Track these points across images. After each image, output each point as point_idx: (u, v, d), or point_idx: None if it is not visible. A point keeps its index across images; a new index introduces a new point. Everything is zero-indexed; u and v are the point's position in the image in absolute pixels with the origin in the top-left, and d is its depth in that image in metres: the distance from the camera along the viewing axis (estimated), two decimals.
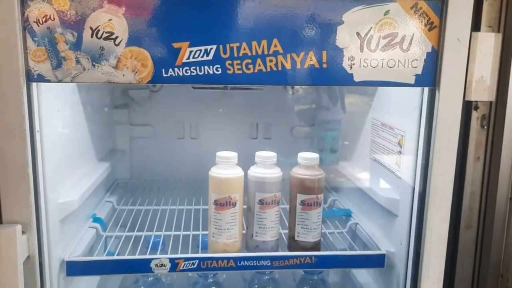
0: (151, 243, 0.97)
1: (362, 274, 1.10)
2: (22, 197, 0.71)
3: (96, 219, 1.03)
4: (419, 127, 0.85)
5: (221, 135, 1.34)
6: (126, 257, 0.89)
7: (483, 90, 0.88)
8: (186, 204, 1.20)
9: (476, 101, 1.19)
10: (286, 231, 0.99)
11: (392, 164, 0.95)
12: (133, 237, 1.00)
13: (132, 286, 1.00)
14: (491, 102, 1.29)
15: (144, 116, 1.34)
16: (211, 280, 1.00)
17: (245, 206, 0.95)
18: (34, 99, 0.72)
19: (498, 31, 0.85)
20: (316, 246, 0.94)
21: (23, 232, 0.72)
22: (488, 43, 0.83)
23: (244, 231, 0.96)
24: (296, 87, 1.38)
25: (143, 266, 0.87)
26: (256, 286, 1.02)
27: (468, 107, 0.93)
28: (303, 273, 1.04)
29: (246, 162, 0.94)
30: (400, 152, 0.92)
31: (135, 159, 1.36)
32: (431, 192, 0.82)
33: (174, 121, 1.35)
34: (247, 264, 0.89)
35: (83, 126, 1.02)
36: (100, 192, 1.17)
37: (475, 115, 1.01)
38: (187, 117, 1.36)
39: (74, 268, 0.85)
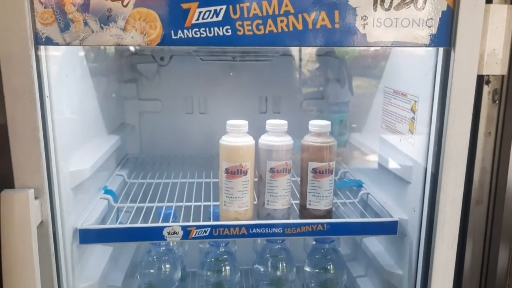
0: (162, 214, 0.97)
1: (373, 244, 1.10)
2: (33, 162, 0.71)
3: (107, 191, 1.04)
4: (433, 90, 0.83)
5: (230, 110, 1.33)
6: (139, 225, 0.89)
7: (495, 64, 0.86)
8: (197, 177, 1.20)
9: (487, 75, 1.16)
10: (297, 201, 0.99)
11: (405, 131, 0.94)
12: (144, 208, 1.00)
13: (145, 256, 1.01)
14: (503, 76, 1.26)
15: (153, 91, 1.33)
16: (223, 249, 1.00)
17: (256, 179, 0.94)
18: (42, 63, 0.71)
19: (511, 3, 0.82)
20: (327, 214, 0.94)
21: (36, 198, 0.72)
22: (501, 15, 0.80)
23: (255, 202, 0.96)
24: (305, 58, 1.36)
25: (155, 234, 0.87)
26: (267, 255, 1.02)
27: (479, 81, 0.90)
28: (314, 243, 1.04)
29: (255, 136, 0.92)
30: (413, 119, 0.91)
31: (145, 134, 1.35)
32: (446, 156, 0.81)
33: (183, 95, 1.34)
34: (259, 231, 0.89)
35: (92, 97, 1.01)
36: (111, 166, 1.17)
37: (486, 89, 0.98)
38: (195, 92, 1.35)
39: (87, 236, 0.86)
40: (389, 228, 0.92)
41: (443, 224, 0.83)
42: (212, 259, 1.00)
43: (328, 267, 1.01)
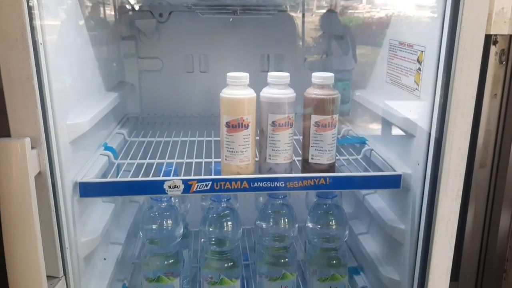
0: (162, 171, 0.96)
1: (376, 201, 1.09)
2: (29, 110, 0.70)
3: (107, 148, 1.02)
4: (441, 39, 0.79)
5: (232, 68, 1.29)
6: (139, 178, 0.88)
7: (503, 23, 0.82)
8: (198, 136, 1.19)
9: (495, 35, 1.12)
10: (299, 158, 0.98)
11: (411, 83, 0.91)
12: (144, 165, 0.99)
13: (146, 212, 1.00)
14: (510, 36, 1.22)
15: (152, 49, 1.30)
16: (225, 205, 0.99)
17: (257, 138, 0.93)
18: (35, 8, 0.68)
19: None
20: (330, 168, 0.92)
21: (33, 148, 0.71)
22: None
23: (257, 159, 0.95)
24: (308, 15, 1.32)
25: (156, 188, 0.86)
26: (269, 211, 1.02)
27: (486, 41, 0.86)
28: (316, 199, 1.03)
29: (257, 96, 0.90)
30: (419, 70, 0.88)
31: (145, 94, 1.33)
32: (452, 106, 0.78)
33: (183, 54, 1.31)
34: (261, 185, 0.88)
35: (89, 51, 0.99)
36: (110, 124, 1.16)
37: (493, 50, 0.95)
38: (196, 50, 1.32)
39: (87, 190, 0.85)
40: (393, 182, 0.91)
41: (448, 176, 0.81)
42: (214, 215, 0.99)
43: (331, 223, 1.00)
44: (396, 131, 0.97)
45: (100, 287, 0.95)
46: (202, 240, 1.02)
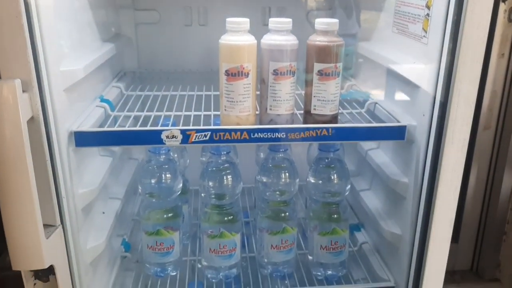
0: (160, 123, 0.93)
1: (379, 155, 1.07)
2: (18, 51, 0.66)
3: (103, 100, 1.00)
4: None
5: None
6: (136, 128, 0.86)
7: None
8: (197, 90, 1.16)
9: None
10: (301, 111, 0.95)
11: (418, 31, 0.87)
12: (142, 118, 0.97)
13: (145, 165, 0.99)
14: None
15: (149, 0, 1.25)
16: (224, 158, 0.97)
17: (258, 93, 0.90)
18: None
19: None
20: (333, 120, 0.90)
21: (24, 91, 0.68)
22: None
23: (257, 112, 0.92)
24: None
25: (154, 137, 0.84)
26: (270, 165, 1.00)
27: None
28: (318, 152, 1.01)
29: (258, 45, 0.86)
30: (427, 15, 0.84)
31: (142, 48, 1.29)
32: (462, 51, 0.75)
33: (181, 5, 1.26)
34: (261, 136, 0.86)
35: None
36: (106, 78, 1.12)
37: (502, 7, 0.89)
38: (195, 2, 1.27)
39: (82, 139, 0.83)
40: (397, 133, 0.89)
41: (454, 125, 0.78)
42: (214, 168, 0.98)
43: (332, 177, 0.99)
44: (401, 82, 0.94)
45: (99, 239, 0.94)
46: (202, 194, 1.00)
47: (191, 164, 1.19)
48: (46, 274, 0.77)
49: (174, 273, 1.05)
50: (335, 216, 1.00)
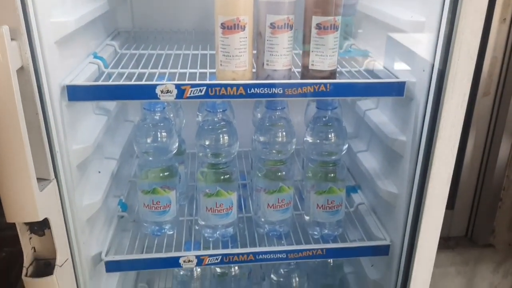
0: (155, 80, 0.91)
1: (377, 115, 1.06)
2: None
3: (97, 57, 0.97)
4: None
5: None
6: (130, 82, 0.84)
7: None
8: (193, 49, 1.13)
9: None
10: (299, 69, 0.93)
11: None
12: (136, 74, 0.94)
13: (140, 123, 0.97)
14: None
15: None
16: (220, 116, 0.96)
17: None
18: None
19: None
20: (332, 75, 0.88)
21: (12, 39, 0.66)
22: None
23: (254, 70, 0.90)
24: None
25: (148, 92, 0.82)
26: (267, 124, 0.98)
27: None
28: (315, 111, 1.00)
29: None
30: None
31: (137, 7, 1.26)
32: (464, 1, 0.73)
33: None
34: (258, 91, 0.84)
35: None
36: (100, 35, 1.10)
37: None
38: None
39: (75, 93, 0.81)
40: (396, 89, 0.87)
41: (455, 79, 0.77)
42: (210, 126, 0.96)
43: (330, 136, 0.98)
44: (402, 37, 0.92)
45: (95, 197, 0.94)
46: (200, 154, 0.99)
47: (188, 127, 1.18)
48: (41, 227, 0.77)
49: (171, 232, 1.05)
50: (332, 175, 1.00)
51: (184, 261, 0.96)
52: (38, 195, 0.71)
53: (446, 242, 1.94)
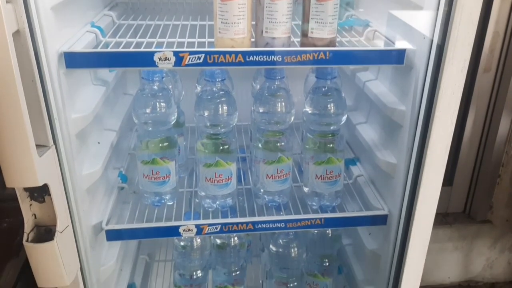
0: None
1: (376, 86, 1.06)
2: None
3: (94, 26, 0.96)
4: None
5: None
6: (128, 49, 0.84)
7: None
8: (191, 20, 1.12)
9: None
10: (298, 39, 0.92)
11: None
12: (134, 43, 0.94)
13: (138, 93, 0.97)
14: None
15: None
16: (219, 86, 0.95)
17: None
18: None
19: None
20: (331, 43, 0.87)
21: (7, 2, 0.66)
22: None
23: (253, 39, 0.89)
24: None
25: (146, 59, 0.81)
26: (266, 93, 0.98)
27: None
28: (315, 81, 0.99)
29: None
30: None
31: None
32: None
33: None
34: (257, 59, 0.84)
35: None
36: (97, 5, 1.09)
37: None
38: None
39: (73, 60, 0.81)
40: (396, 57, 0.87)
41: (455, 45, 0.76)
42: (208, 96, 0.96)
43: (329, 106, 0.97)
44: (402, 5, 0.91)
45: (95, 166, 0.94)
46: (200, 124, 0.99)
47: (187, 101, 1.18)
48: (41, 194, 0.77)
49: (171, 203, 1.06)
50: (331, 145, 1.00)
51: (184, 230, 0.97)
52: (37, 160, 0.71)
53: (444, 218, 1.96)
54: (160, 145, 0.99)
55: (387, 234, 1.02)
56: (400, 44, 0.90)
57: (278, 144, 1.00)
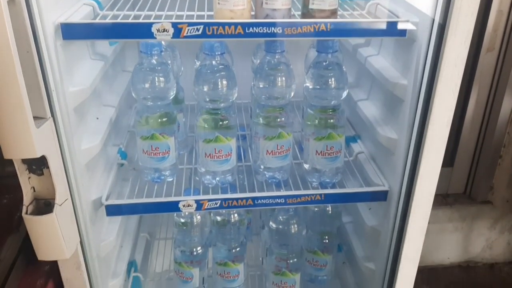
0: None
1: (378, 61, 1.04)
2: None
3: None
4: None
5: None
6: (126, 21, 0.83)
7: None
8: None
9: None
10: (299, 12, 0.90)
11: None
12: (131, 16, 0.92)
13: (137, 68, 0.96)
14: None
15: None
16: (219, 60, 0.94)
17: None
18: None
19: None
20: (332, 15, 0.86)
21: None
22: None
23: (253, 13, 0.87)
24: None
25: (144, 31, 0.80)
26: (266, 68, 0.97)
27: None
28: (316, 54, 0.98)
29: None
30: None
31: None
32: None
33: None
34: (256, 31, 0.82)
35: None
36: None
37: None
38: None
39: (70, 31, 0.80)
40: (397, 32, 0.85)
41: (459, 16, 0.75)
42: (208, 71, 0.95)
43: (330, 80, 0.96)
44: None
45: (94, 141, 0.94)
46: (198, 99, 0.98)
47: (186, 77, 1.16)
48: (40, 166, 0.77)
49: (171, 179, 1.06)
50: (331, 121, 0.99)
51: (184, 206, 0.97)
52: (34, 131, 0.71)
53: (444, 199, 1.96)
54: (159, 120, 0.99)
55: (387, 210, 1.02)
56: (403, 16, 0.89)
57: (278, 119, 0.99)
